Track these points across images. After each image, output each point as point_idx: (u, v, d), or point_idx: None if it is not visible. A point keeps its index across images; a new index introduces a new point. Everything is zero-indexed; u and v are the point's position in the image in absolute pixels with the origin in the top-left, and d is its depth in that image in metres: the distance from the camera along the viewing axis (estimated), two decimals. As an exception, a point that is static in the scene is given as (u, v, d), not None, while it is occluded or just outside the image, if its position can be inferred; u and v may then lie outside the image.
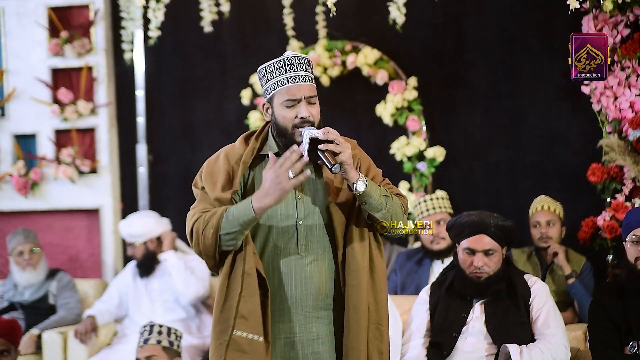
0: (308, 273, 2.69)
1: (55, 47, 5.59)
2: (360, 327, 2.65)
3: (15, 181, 5.60)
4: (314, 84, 2.70)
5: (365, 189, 2.60)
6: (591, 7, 4.42)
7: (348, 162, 2.59)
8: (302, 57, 2.67)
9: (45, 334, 4.85)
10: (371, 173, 2.75)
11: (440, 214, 4.63)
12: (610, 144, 4.44)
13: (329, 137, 2.58)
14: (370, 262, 2.70)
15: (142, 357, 4.09)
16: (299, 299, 2.69)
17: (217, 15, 5.31)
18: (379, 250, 2.74)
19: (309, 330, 2.71)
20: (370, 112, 5.25)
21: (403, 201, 2.75)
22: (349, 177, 2.61)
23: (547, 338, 3.51)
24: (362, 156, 2.77)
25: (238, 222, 2.59)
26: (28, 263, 4.99)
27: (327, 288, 2.71)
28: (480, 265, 3.56)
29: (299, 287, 2.69)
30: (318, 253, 2.70)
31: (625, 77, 4.41)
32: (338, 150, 2.57)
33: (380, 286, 2.71)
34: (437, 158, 5.14)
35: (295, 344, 2.70)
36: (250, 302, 2.61)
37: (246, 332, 2.60)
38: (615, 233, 4.43)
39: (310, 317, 2.71)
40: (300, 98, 2.64)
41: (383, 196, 2.65)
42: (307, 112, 2.63)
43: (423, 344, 3.64)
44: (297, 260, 2.69)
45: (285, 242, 2.69)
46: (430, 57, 5.25)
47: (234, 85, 5.52)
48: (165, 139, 5.72)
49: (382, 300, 2.72)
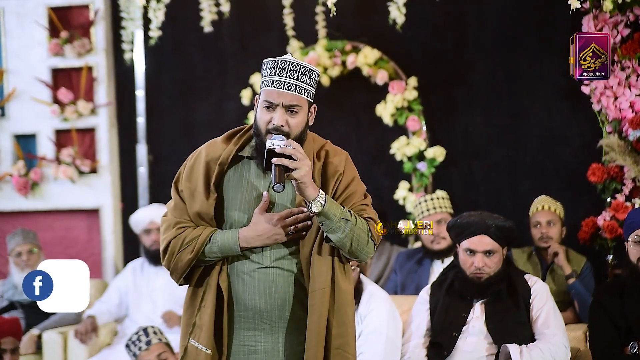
0: (272, 284, 2.61)
1: (55, 47, 5.59)
2: (317, 350, 2.55)
3: (15, 181, 5.60)
4: (305, 95, 2.59)
5: (321, 210, 2.50)
6: (591, 7, 4.42)
7: (302, 180, 2.48)
8: (298, 64, 2.58)
9: (46, 334, 4.85)
10: (349, 190, 2.64)
11: (440, 214, 4.63)
12: (610, 144, 4.44)
13: (286, 151, 2.48)
14: (332, 283, 2.58)
15: (152, 357, 4.11)
16: (264, 309, 2.62)
17: (217, 15, 5.31)
18: (343, 271, 2.62)
19: (274, 340, 2.64)
20: (370, 112, 5.25)
21: (372, 226, 2.60)
22: (304, 196, 2.52)
23: (547, 338, 3.51)
24: (346, 172, 2.65)
25: (221, 251, 2.61)
26: (27, 264, 4.99)
27: (296, 299, 2.62)
28: (480, 265, 3.56)
29: (263, 297, 2.61)
30: (284, 264, 2.62)
31: (625, 77, 4.41)
32: (293, 167, 2.47)
33: (344, 309, 2.59)
34: (437, 158, 5.14)
35: (259, 352, 2.65)
36: (205, 314, 2.61)
37: (198, 342, 2.62)
38: (616, 233, 4.43)
39: (277, 328, 2.64)
40: (277, 104, 2.56)
41: (343, 220, 2.52)
42: (280, 121, 2.55)
43: (423, 344, 3.64)
44: (262, 270, 2.62)
45: (253, 251, 2.62)
46: (430, 57, 5.25)
47: (234, 85, 5.52)
48: (165, 139, 5.72)
49: (344, 325, 2.59)
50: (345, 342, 2.60)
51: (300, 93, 2.58)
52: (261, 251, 2.62)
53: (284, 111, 2.57)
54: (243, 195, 2.65)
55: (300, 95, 2.58)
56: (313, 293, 2.57)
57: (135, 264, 5.18)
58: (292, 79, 2.57)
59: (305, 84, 2.59)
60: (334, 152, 2.69)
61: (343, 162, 2.67)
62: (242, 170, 2.67)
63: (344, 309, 2.60)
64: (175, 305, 4.96)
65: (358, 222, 2.56)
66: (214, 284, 2.62)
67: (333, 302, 2.58)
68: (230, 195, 2.66)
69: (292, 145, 2.50)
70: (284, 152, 2.48)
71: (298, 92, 2.57)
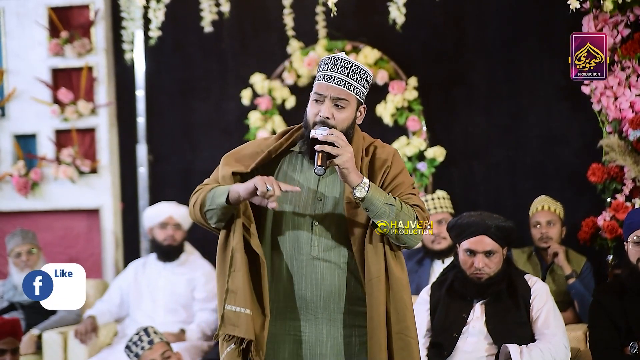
0: (319, 275, 2.69)
1: (56, 47, 5.59)
2: (378, 337, 2.62)
3: (16, 181, 5.60)
4: (354, 93, 2.67)
5: (365, 195, 2.58)
6: (591, 7, 4.42)
7: (344, 166, 2.56)
8: (350, 62, 2.67)
9: (46, 334, 4.85)
10: (396, 181, 2.70)
11: (441, 214, 4.63)
12: (610, 144, 4.44)
13: (328, 139, 2.57)
14: (386, 271, 2.65)
15: (156, 356, 4.11)
16: (310, 299, 2.69)
17: (217, 15, 5.31)
18: (395, 258, 2.68)
19: (318, 331, 2.71)
20: (371, 112, 5.24)
21: (418, 212, 2.66)
22: (347, 182, 2.60)
23: (547, 338, 3.51)
24: (394, 164, 2.72)
25: (216, 202, 2.65)
26: (26, 264, 4.98)
27: (341, 292, 2.69)
28: (480, 266, 3.56)
29: (309, 287, 2.69)
30: (332, 256, 2.69)
31: (626, 77, 4.41)
32: (335, 153, 2.56)
33: (400, 295, 2.65)
34: (437, 158, 5.14)
35: (303, 343, 2.72)
36: (237, 277, 2.64)
37: (235, 305, 2.64)
38: (616, 233, 4.43)
39: (321, 319, 2.71)
40: (326, 96, 2.65)
41: (388, 205, 2.59)
42: (327, 112, 2.64)
43: (423, 344, 3.64)
44: (310, 260, 2.69)
45: (300, 241, 2.70)
46: (430, 57, 5.25)
47: (234, 85, 5.52)
48: (165, 139, 5.72)
49: (402, 310, 2.66)
50: (405, 326, 2.66)
51: (349, 89, 2.67)
52: (310, 241, 2.68)
53: (332, 104, 2.66)
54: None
55: (348, 91, 2.66)
56: (370, 282, 2.64)
57: (137, 263, 5.18)
58: (342, 75, 2.66)
59: (355, 81, 2.68)
60: (382, 147, 2.77)
61: (391, 155, 2.75)
62: (294, 164, 2.76)
63: (400, 294, 2.66)
64: (177, 305, 4.97)
65: (404, 208, 2.63)
66: (239, 247, 2.66)
67: (389, 289, 2.65)
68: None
69: (335, 133, 2.59)
70: (327, 139, 2.57)
71: (347, 87, 2.66)
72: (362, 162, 2.71)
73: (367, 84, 2.72)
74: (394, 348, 2.64)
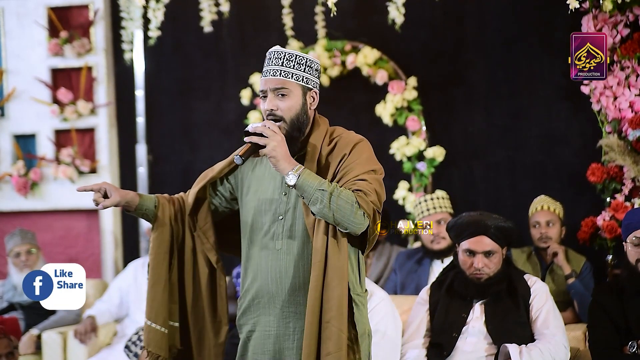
0: (283, 268, 2.71)
1: (55, 47, 5.59)
2: (311, 323, 2.61)
3: (15, 181, 5.60)
4: (293, 79, 2.69)
5: (295, 182, 2.58)
6: (591, 7, 4.42)
7: (271, 155, 2.58)
8: (282, 52, 2.72)
9: (45, 334, 4.85)
10: (347, 169, 2.67)
11: (440, 214, 4.63)
12: (610, 143, 4.44)
13: (257, 130, 2.61)
14: (324, 257, 2.63)
15: None
16: (275, 293, 2.72)
17: (217, 15, 5.31)
18: (337, 247, 2.64)
19: (286, 325, 2.73)
20: (370, 112, 5.25)
21: (359, 197, 2.60)
22: (279, 170, 2.62)
23: (547, 338, 3.51)
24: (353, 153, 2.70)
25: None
26: (25, 264, 4.98)
27: (305, 285, 2.68)
28: (480, 266, 3.56)
29: (274, 282, 2.72)
30: (296, 248, 2.71)
31: (625, 77, 4.41)
32: (262, 143, 2.59)
33: (334, 284, 2.61)
34: (437, 158, 5.14)
35: (271, 337, 2.75)
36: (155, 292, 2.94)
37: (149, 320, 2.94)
38: (615, 233, 4.43)
39: (287, 312, 2.73)
40: (266, 90, 2.70)
41: (320, 190, 2.57)
42: (270, 105, 2.68)
43: (423, 344, 3.64)
44: (275, 254, 2.72)
45: (267, 236, 2.74)
46: (430, 57, 5.25)
47: (233, 85, 5.52)
48: (165, 139, 5.72)
49: (333, 299, 2.61)
50: (333, 316, 2.61)
51: (286, 77, 2.69)
52: (272, 235, 2.72)
53: (274, 96, 2.69)
54: (257, 187, 2.80)
55: (285, 78, 2.69)
56: (313, 266, 2.65)
57: (137, 263, 5.18)
58: (276, 66, 2.70)
59: (292, 69, 2.70)
60: (346, 137, 2.77)
61: (352, 144, 2.74)
62: (265, 162, 2.80)
63: (334, 284, 2.62)
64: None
65: (342, 193, 2.59)
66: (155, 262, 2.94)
67: (323, 276, 2.64)
68: (245, 185, 2.83)
69: (267, 124, 2.63)
70: (255, 130, 2.61)
71: (283, 76, 2.69)
72: (321, 150, 2.73)
73: (310, 69, 2.73)
74: (322, 337, 2.62)
